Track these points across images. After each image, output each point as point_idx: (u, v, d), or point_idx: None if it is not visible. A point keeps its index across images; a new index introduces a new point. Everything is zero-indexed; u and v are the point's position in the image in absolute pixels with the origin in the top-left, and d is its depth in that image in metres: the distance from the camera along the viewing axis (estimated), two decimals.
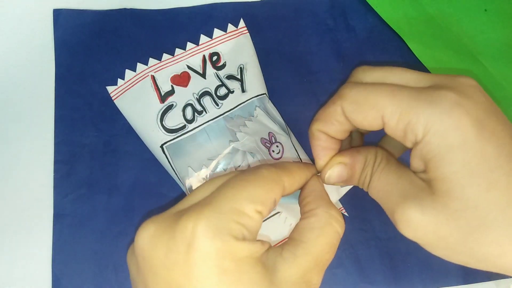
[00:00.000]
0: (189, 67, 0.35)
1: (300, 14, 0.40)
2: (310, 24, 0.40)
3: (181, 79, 0.35)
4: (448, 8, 0.40)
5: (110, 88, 0.35)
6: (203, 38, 0.36)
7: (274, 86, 0.38)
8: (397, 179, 0.23)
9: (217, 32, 0.36)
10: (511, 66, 0.39)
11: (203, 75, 0.35)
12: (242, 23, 0.37)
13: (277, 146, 0.34)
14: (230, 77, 0.35)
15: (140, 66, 0.35)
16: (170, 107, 0.34)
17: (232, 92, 0.35)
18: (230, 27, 0.36)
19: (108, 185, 0.36)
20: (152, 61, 0.35)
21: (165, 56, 0.36)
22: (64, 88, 0.38)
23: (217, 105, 0.34)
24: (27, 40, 0.39)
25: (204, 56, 0.36)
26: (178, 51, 0.36)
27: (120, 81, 0.35)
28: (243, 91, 0.35)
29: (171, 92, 0.35)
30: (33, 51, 0.39)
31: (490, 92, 0.38)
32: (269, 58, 0.38)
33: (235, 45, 0.36)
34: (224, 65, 0.36)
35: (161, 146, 0.34)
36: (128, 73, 0.35)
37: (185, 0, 0.40)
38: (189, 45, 0.36)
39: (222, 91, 0.35)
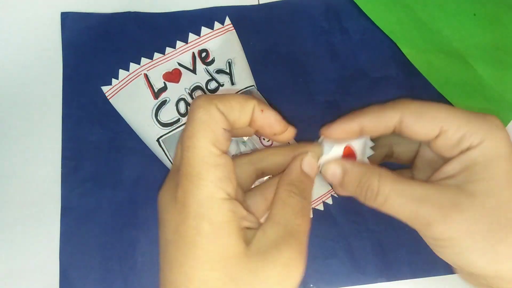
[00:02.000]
0: (180, 64, 0.36)
1: (296, 17, 0.41)
2: (305, 26, 0.40)
3: (173, 76, 0.36)
4: (439, 13, 0.40)
5: (105, 88, 0.36)
6: (191, 36, 0.37)
7: (271, 85, 0.38)
8: (423, 188, 0.24)
9: (204, 30, 0.37)
10: (499, 68, 0.39)
11: (194, 71, 0.36)
12: (228, 21, 0.38)
13: None
14: (220, 71, 0.36)
15: (133, 66, 0.36)
16: (163, 103, 0.35)
17: (222, 85, 0.36)
18: (217, 24, 0.37)
19: (113, 180, 0.37)
20: (144, 60, 0.36)
21: (157, 55, 0.36)
22: (71, 88, 0.38)
23: None
24: (36, 42, 0.40)
25: (193, 53, 0.37)
26: (168, 49, 0.37)
27: (114, 81, 0.36)
28: (232, 83, 0.36)
29: (164, 89, 0.35)
30: (41, 53, 0.39)
31: (480, 93, 0.39)
32: (266, 59, 0.39)
33: (222, 41, 0.37)
34: (213, 61, 0.37)
35: (158, 140, 0.35)
36: (122, 73, 0.36)
37: (187, 4, 0.41)
38: (179, 43, 0.37)
39: (213, 84, 0.36)
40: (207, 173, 0.22)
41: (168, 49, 0.37)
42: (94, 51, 0.39)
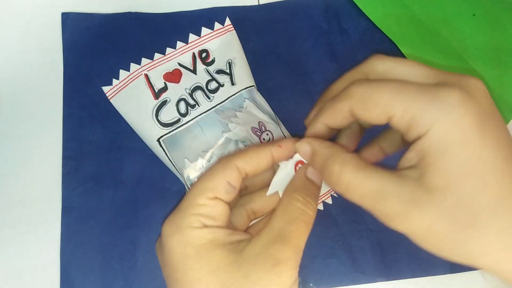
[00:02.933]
0: (180, 65, 0.36)
1: (295, 17, 0.41)
2: (305, 27, 0.41)
3: (173, 76, 0.36)
4: (438, 13, 0.40)
5: (105, 88, 0.36)
6: (191, 37, 0.37)
7: (271, 85, 0.39)
8: (383, 180, 0.22)
9: (205, 31, 0.37)
10: (498, 68, 0.39)
11: (194, 71, 0.36)
12: (228, 21, 0.38)
13: (267, 134, 0.35)
14: (220, 71, 0.36)
15: (133, 66, 0.36)
16: (164, 103, 0.35)
17: (222, 85, 0.36)
18: (217, 25, 0.37)
19: (114, 179, 0.37)
20: (144, 60, 0.36)
21: (157, 55, 0.36)
22: (72, 88, 0.38)
23: (209, 98, 0.36)
24: (37, 42, 0.40)
25: (193, 53, 0.37)
26: (168, 50, 0.37)
27: (115, 81, 0.36)
28: (232, 84, 0.36)
29: (164, 89, 0.36)
30: (42, 53, 0.39)
31: None
32: (266, 59, 0.39)
33: (222, 41, 0.37)
34: (213, 61, 0.37)
35: (158, 140, 0.35)
36: (122, 73, 0.36)
37: (187, 4, 0.41)
38: (179, 44, 0.37)
39: (213, 85, 0.36)
40: (192, 208, 0.26)
41: (169, 50, 0.37)
42: (95, 51, 0.39)
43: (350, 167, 0.23)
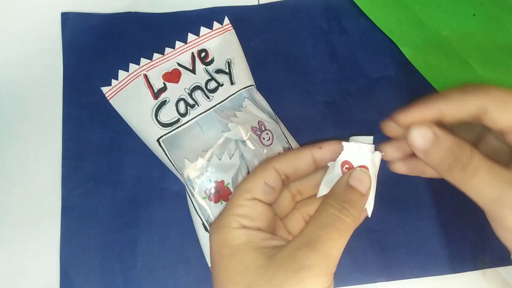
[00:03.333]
0: (179, 64, 0.36)
1: (296, 17, 0.41)
2: (305, 26, 0.41)
3: (172, 76, 0.36)
4: (438, 14, 0.40)
5: (105, 89, 0.36)
6: (190, 37, 0.37)
7: (271, 85, 0.39)
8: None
9: (203, 30, 0.37)
10: (499, 68, 0.39)
11: (193, 71, 0.36)
12: (226, 21, 0.38)
13: (267, 134, 0.35)
14: (219, 71, 0.36)
15: (132, 66, 0.36)
16: (163, 103, 0.35)
17: (222, 85, 0.36)
18: (216, 24, 0.37)
19: (114, 179, 0.37)
20: (143, 60, 0.36)
21: (156, 55, 0.36)
22: (71, 88, 0.38)
23: (208, 98, 0.35)
24: (37, 42, 0.40)
25: (192, 53, 0.37)
26: (167, 50, 0.37)
27: (114, 82, 0.36)
28: (231, 83, 0.36)
29: (164, 89, 0.35)
30: (42, 53, 0.39)
31: None
32: (266, 59, 0.39)
33: (221, 41, 0.37)
34: (212, 61, 0.37)
35: (158, 140, 0.35)
36: (121, 74, 0.36)
37: (187, 4, 0.41)
38: (178, 43, 0.37)
39: (212, 84, 0.36)
40: (231, 209, 0.27)
41: (168, 49, 0.37)
42: (94, 51, 0.39)
43: (480, 155, 0.23)
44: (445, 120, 0.25)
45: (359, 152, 0.28)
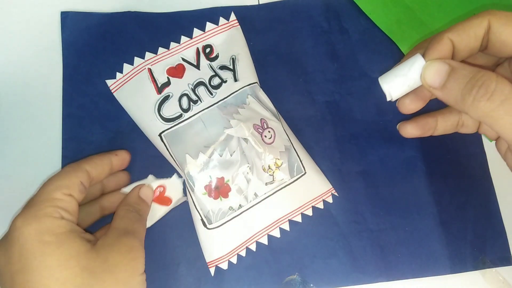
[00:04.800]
0: (183, 59, 0.36)
1: (296, 17, 0.41)
2: (305, 26, 0.41)
3: (177, 71, 0.36)
4: (438, 13, 0.41)
5: (109, 82, 0.36)
6: (196, 32, 0.37)
7: (271, 85, 0.39)
8: None
9: (209, 26, 0.37)
10: None
11: (197, 66, 0.36)
12: (233, 16, 0.38)
13: (269, 132, 0.35)
14: (223, 67, 0.36)
15: (137, 60, 0.36)
16: (166, 98, 0.35)
17: (225, 81, 0.36)
18: (222, 20, 0.37)
19: None
20: (148, 54, 0.36)
21: (161, 49, 0.36)
22: (71, 88, 0.38)
23: (211, 94, 0.35)
24: (36, 41, 0.40)
25: (197, 48, 0.37)
26: (173, 44, 0.37)
27: (118, 75, 0.36)
28: (235, 80, 0.36)
29: (167, 84, 0.36)
30: (41, 52, 0.39)
31: None
32: (266, 59, 0.39)
33: (227, 37, 0.37)
34: (217, 56, 0.37)
35: (160, 135, 0.35)
36: (126, 67, 0.36)
37: (187, 3, 0.41)
38: (183, 38, 0.37)
39: (216, 81, 0.36)
40: (50, 201, 0.28)
41: (173, 44, 0.37)
42: (94, 50, 0.39)
43: (508, 82, 0.22)
44: (457, 55, 0.26)
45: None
